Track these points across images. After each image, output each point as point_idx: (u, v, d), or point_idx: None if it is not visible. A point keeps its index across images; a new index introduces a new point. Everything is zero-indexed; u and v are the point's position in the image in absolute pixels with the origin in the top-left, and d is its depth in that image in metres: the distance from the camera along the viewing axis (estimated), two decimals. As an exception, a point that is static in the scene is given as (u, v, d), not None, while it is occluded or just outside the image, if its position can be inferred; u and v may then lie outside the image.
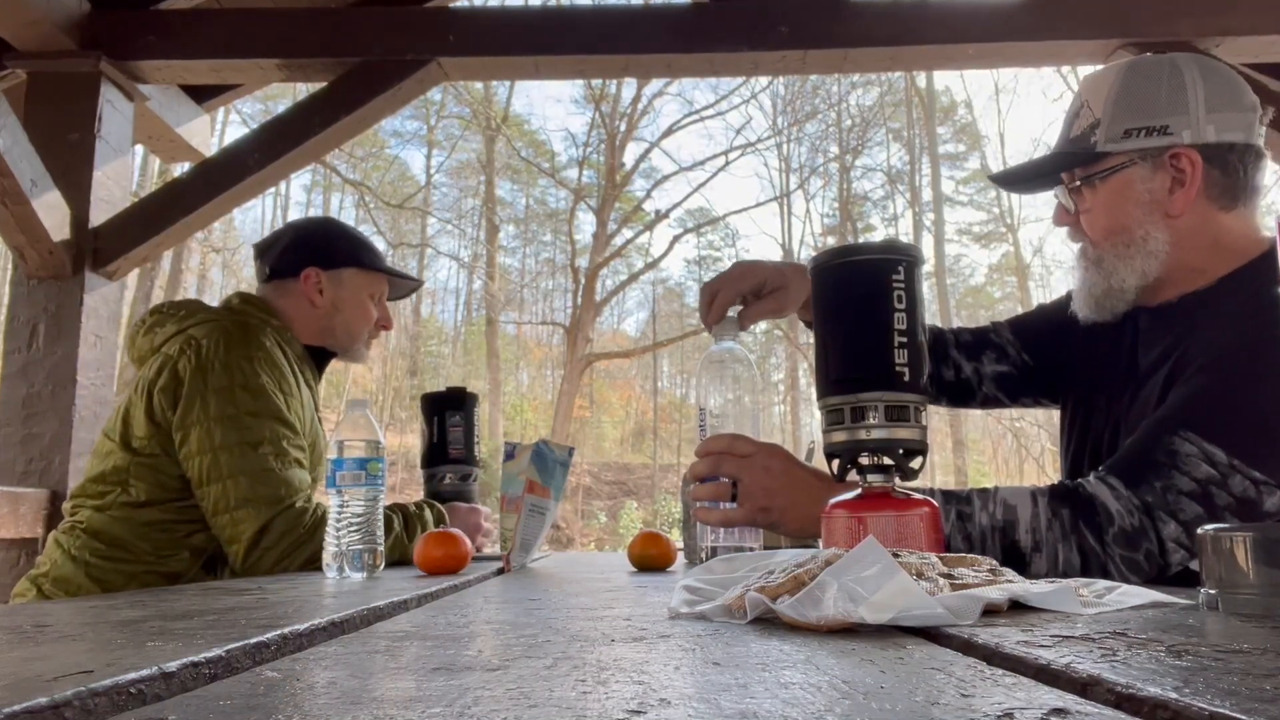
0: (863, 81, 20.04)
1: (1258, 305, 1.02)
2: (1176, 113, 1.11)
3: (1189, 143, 1.10)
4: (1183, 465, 0.97)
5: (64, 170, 2.36)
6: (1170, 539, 0.96)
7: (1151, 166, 1.13)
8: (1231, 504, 0.95)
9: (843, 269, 0.93)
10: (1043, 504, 1.00)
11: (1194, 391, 1.02)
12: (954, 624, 0.54)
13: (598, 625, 0.63)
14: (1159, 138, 1.11)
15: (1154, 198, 1.13)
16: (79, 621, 0.63)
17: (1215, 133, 1.10)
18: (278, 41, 2.60)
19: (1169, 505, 0.96)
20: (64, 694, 0.35)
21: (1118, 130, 1.14)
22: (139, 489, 1.46)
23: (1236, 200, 1.12)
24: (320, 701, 0.37)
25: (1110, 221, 1.16)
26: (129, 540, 1.45)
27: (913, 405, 0.88)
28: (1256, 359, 1.00)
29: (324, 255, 1.72)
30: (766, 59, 2.62)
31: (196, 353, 1.48)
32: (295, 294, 1.70)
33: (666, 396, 27.77)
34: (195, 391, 1.45)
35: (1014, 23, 2.55)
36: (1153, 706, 0.34)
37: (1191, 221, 1.12)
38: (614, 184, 18.98)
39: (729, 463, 1.11)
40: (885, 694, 0.37)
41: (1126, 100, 1.14)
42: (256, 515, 1.40)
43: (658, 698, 0.37)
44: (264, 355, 1.52)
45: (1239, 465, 0.95)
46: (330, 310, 1.72)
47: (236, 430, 1.43)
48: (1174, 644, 0.47)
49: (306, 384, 1.67)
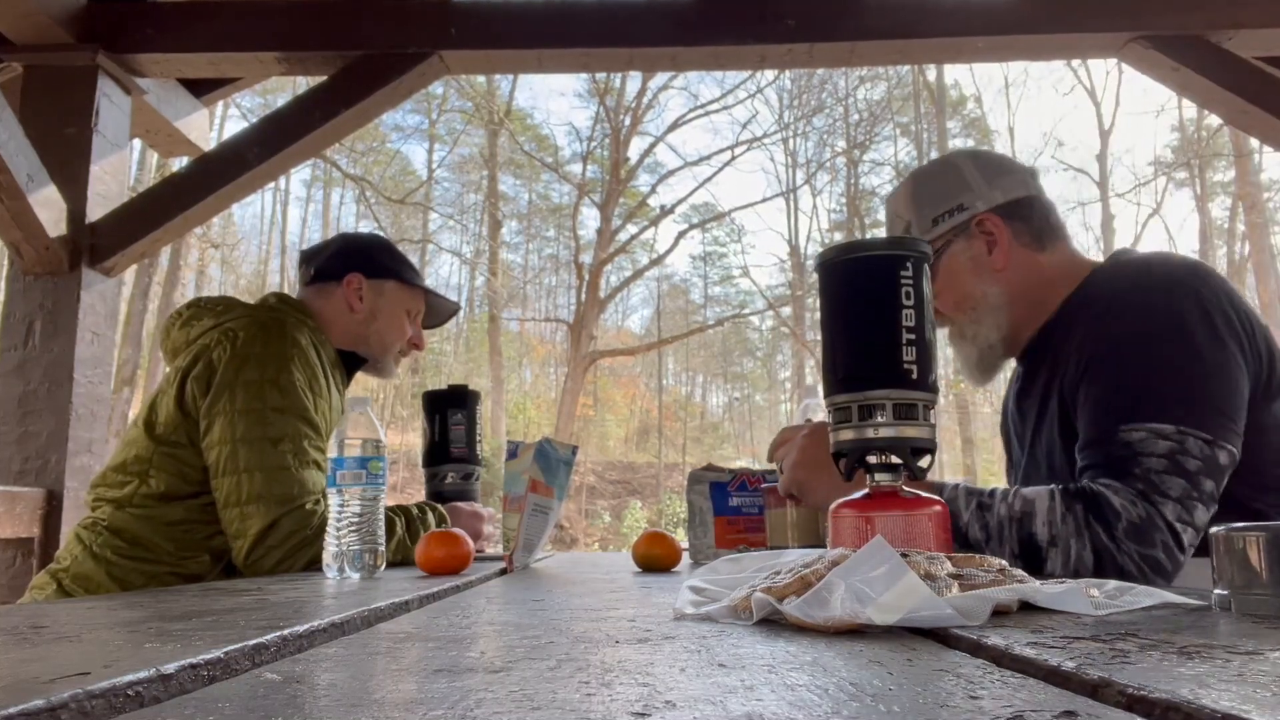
0: (870, 75, 19.99)
1: (1107, 305, 1.17)
2: (964, 192, 1.31)
3: (985, 209, 1.30)
4: (1142, 449, 1.04)
5: (60, 165, 2.34)
6: (1173, 518, 1.02)
7: (965, 239, 1.31)
8: (1200, 465, 1.03)
9: (850, 265, 0.92)
10: (1059, 499, 1.05)
11: (1110, 389, 1.11)
12: (963, 625, 0.54)
13: (602, 626, 0.62)
14: (960, 214, 1.31)
15: (977, 263, 1.30)
16: (76, 623, 0.62)
17: (1002, 195, 1.31)
18: (277, 34, 2.59)
19: (1158, 487, 1.03)
20: (61, 696, 0.35)
21: (927, 221, 1.33)
22: (159, 480, 1.46)
23: (1044, 242, 1.30)
24: (320, 704, 0.37)
25: (955, 295, 1.33)
26: (151, 539, 1.45)
27: (921, 403, 0.87)
28: (1137, 340, 1.11)
29: (369, 264, 1.75)
30: (773, 52, 2.60)
31: (232, 343, 1.49)
32: (336, 297, 1.72)
33: (671, 394, 27.85)
34: (226, 382, 1.45)
35: (1024, 15, 2.53)
36: (1164, 709, 0.34)
37: (1016, 270, 1.29)
38: (618, 179, 18.98)
39: (781, 448, 1.26)
40: (893, 696, 0.37)
41: (922, 197, 1.35)
42: (265, 512, 1.40)
43: (663, 700, 0.37)
44: (298, 353, 1.52)
45: (1186, 430, 1.04)
46: (368, 317, 1.73)
47: (260, 425, 1.43)
48: (1186, 645, 0.46)
49: (336, 387, 1.67)
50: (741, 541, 1.43)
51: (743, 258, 31.43)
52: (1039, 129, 40.97)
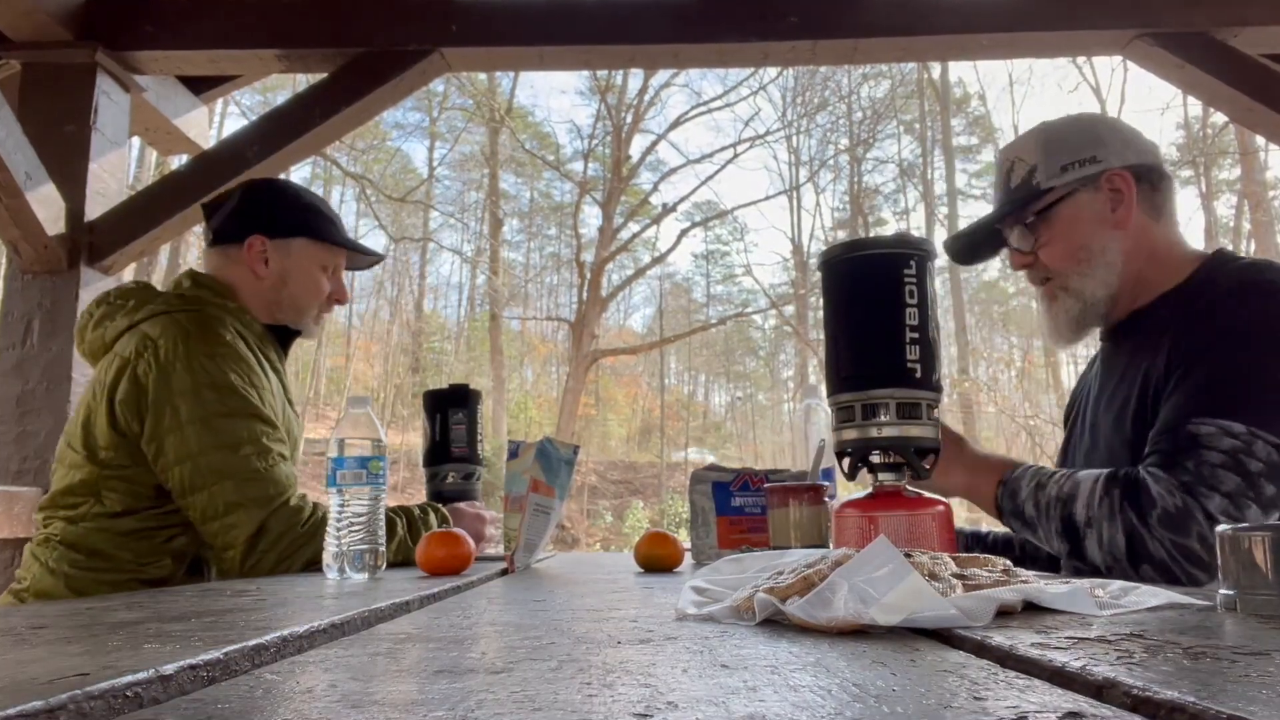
0: (873, 72, 19.97)
1: (1210, 305, 1.17)
2: (1099, 146, 1.30)
3: (1119, 165, 1.28)
4: (1206, 443, 1.05)
5: (59, 163, 2.33)
6: (1218, 511, 1.02)
7: (1092, 191, 1.29)
8: (1262, 469, 1.02)
9: (853, 263, 0.92)
10: (1101, 483, 1.10)
11: (1193, 387, 1.12)
12: (967, 625, 0.53)
13: (603, 627, 0.62)
14: (1091, 165, 1.29)
15: (1101, 217, 1.29)
16: (75, 624, 0.62)
17: (1135, 157, 1.30)
18: (277, 31, 2.59)
19: (1207, 480, 1.03)
20: (59, 698, 0.35)
21: (1055, 167, 1.31)
22: (112, 500, 1.40)
23: (1160, 214, 1.30)
24: (320, 705, 0.37)
25: (1069, 244, 1.31)
26: (108, 550, 1.39)
27: (925, 403, 0.87)
28: (1230, 341, 1.12)
29: (272, 222, 1.59)
30: (776, 49, 2.59)
31: (155, 356, 1.39)
32: (240, 262, 1.59)
33: (674, 394, 27.85)
34: (162, 400, 1.37)
35: (1029, 12, 2.52)
36: (1170, 710, 0.33)
37: (1135, 234, 1.29)
38: (620, 177, 18.98)
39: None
40: (897, 697, 0.37)
41: (1053, 144, 1.32)
42: (250, 518, 1.36)
43: (665, 700, 0.37)
44: (226, 350, 1.43)
45: (1257, 431, 1.03)
46: (277, 282, 1.60)
47: (212, 434, 1.37)
48: (1191, 646, 0.46)
49: (273, 369, 1.58)
50: (744, 541, 1.42)
51: (745, 256, 31.53)
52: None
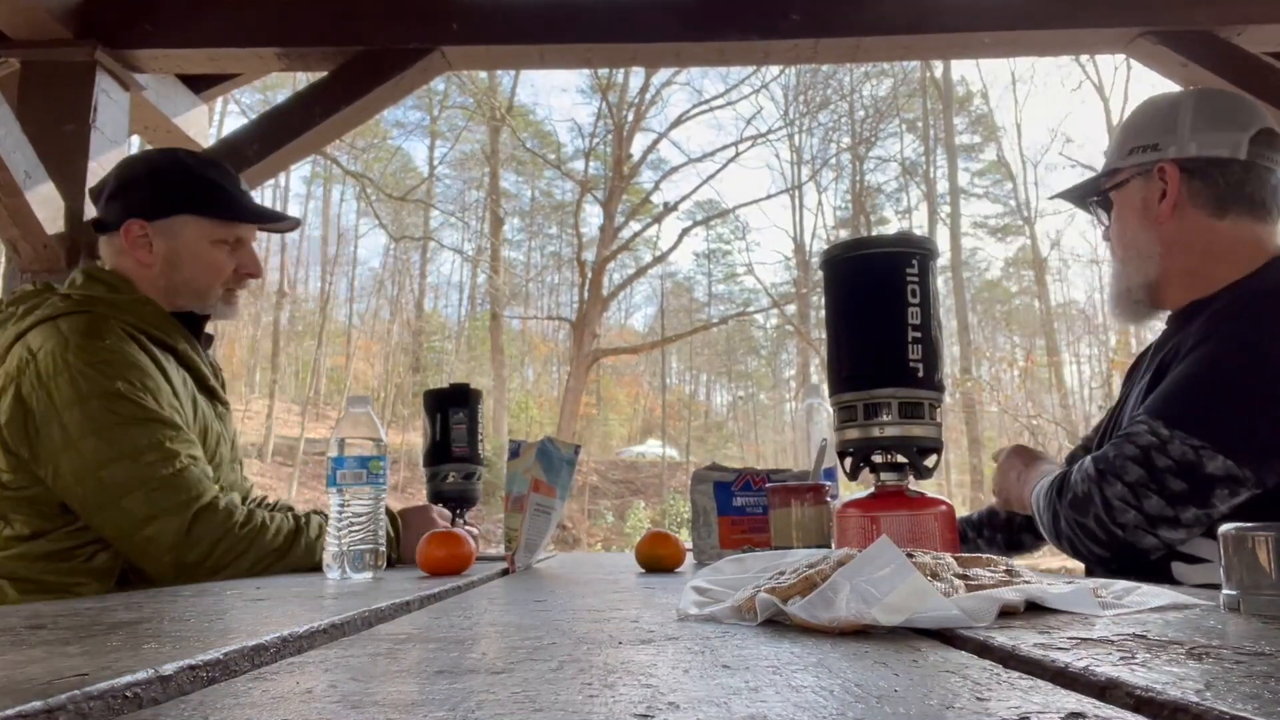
0: (876, 71, 19.96)
1: (1230, 303, 1.17)
2: (1166, 132, 1.28)
3: (1172, 157, 1.26)
4: (1132, 438, 1.11)
5: (58, 162, 2.33)
6: (1115, 498, 1.09)
7: (1145, 179, 1.29)
8: (1171, 465, 1.07)
9: (855, 262, 0.91)
10: (1059, 474, 1.19)
11: (1164, 386, 1.15)
12: (969, 626, 0.53)
13: (604, 627, 0.62)
14: (1150, 154, 1.29)
15: (1147, 206, 1.29)
16: (73, 624, 0.62)
17: (1197, 148, 1.25)
18: (277, 30, 2.58)
19: (1115, 469, 1.10)
20: (58, 698, 0.35)
21: (1125, 149, 1.32)
22: (20, 523, 1.32)
23: (1226, 209, 1.24)
24: (320, 705, 0.37)
25: (1120, 229, 1.34)
26: (31, 575, 1.32)
27: (927, 402, 0.87)
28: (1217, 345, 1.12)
29: (149, 203, 1.46)
30: (777, 47, 2.59)
31: (36, 374, 1.29)
32: (123, 251, 1.47)
33: (675, 393, 27.84)
34: (49, 418, 1.27)
35: (1031, 10, 2.52)
36: (1173, 710, 0.33)
37: (1179, 227, 1.26)
38: (621, 176, 18.99)
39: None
40: (899, 697, 0.37)
41: (1136, 124, 1.33)
42: (168, 528, 1.26)
43: (666, 701, 0.37)
44: (110, 356, 1.32)
45: (1179, 434, 1.07)
46: (165, 268, 1.46)
47: (109, 445, 1.26)
48: (1194, 646, 0.46)
49: (183, 364, 1.47)
50: (746, 542, 1.42)
51: (747, 255, 31.47)
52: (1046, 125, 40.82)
